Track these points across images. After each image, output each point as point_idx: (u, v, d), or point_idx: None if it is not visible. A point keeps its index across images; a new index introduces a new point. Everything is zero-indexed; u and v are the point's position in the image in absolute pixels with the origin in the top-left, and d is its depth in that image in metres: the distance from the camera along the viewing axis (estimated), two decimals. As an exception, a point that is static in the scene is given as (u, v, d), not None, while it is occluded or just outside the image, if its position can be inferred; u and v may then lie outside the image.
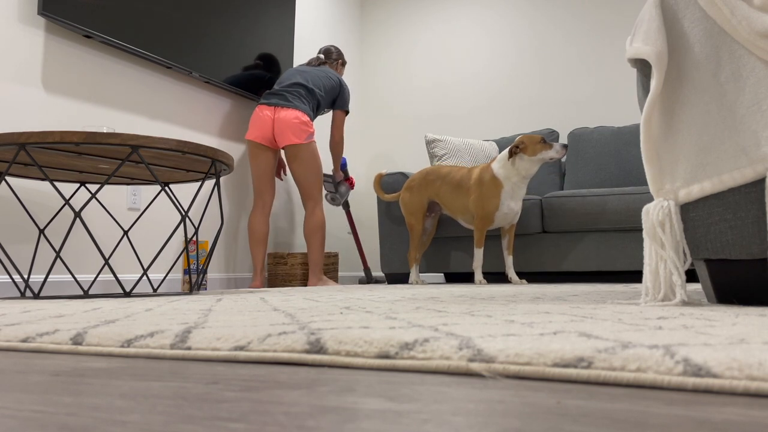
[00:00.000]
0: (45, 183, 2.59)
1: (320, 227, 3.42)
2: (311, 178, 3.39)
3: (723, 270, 1.18)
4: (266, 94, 3.42)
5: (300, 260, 3.67)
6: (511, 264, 3.26)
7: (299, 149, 3.32)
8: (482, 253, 3.26)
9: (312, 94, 3.44)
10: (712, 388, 0.43)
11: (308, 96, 3.42)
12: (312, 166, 3.37)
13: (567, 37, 4.43)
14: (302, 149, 3.32)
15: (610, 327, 0.71)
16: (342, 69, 3.87)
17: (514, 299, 1.49)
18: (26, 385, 0.52)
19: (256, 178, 3.41)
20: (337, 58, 3.83)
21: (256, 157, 3.39)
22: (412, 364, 0.56)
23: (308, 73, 3.52)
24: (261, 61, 3.77)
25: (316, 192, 3.42)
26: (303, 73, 3.50)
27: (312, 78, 3.50)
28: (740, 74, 1.09)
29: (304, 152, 3.33)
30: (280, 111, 3.32)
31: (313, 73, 3.54)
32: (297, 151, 3.32)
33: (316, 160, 3.38)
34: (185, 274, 3.08)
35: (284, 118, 3.30)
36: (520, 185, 3.16)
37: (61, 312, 1.22)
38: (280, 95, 3.37)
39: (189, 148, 2.15)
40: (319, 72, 3.56)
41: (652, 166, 1.20)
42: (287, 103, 3.34)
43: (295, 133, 3.30)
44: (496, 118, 4.62)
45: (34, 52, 2.56)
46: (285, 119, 3.30)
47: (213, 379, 0.54)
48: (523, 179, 3.15)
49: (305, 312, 1.08)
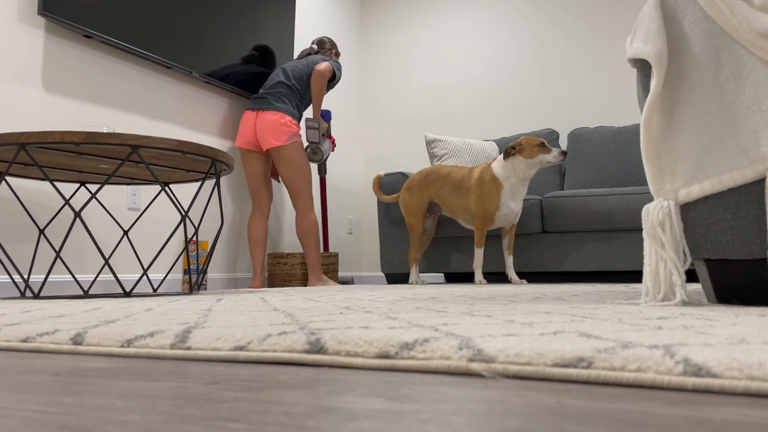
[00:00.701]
0: (45, 183, 2.59)
1: (313, 229, 3.39)
2: (298, 178, 3.35)
3: (723, 270, 1.18)
4: (252, 99, 3.43)
5: (300, 260, 3.67)
6: (511, 264, 3.26)
7: (281, 151, 3.30)
8: (482, 253, 3.26)
9: (293, 90, 3.41)
10: (712, 388, 0.43)
11: (290, 93, 3.40)
12: (298, 166, 3.34)
13: (567, 37, 4.43)
14: (285, 151, 3.30)
15: (610, 327, 0.71)
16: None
17: (514, 299, 1.49)
18: (26, 385, 0.52)
19: (250, 184, 3.42)
20: (331, 48, 3.77)
21: (246, 162, 3.41)
22: (412, 364, 0.56)
23: (290, 68, 3.48)
24: (257, 53, 3.71)
25: (305, 192, 3.39)
26: (285, 71, 3.47)
27: (292, 71, 3.45)
28: (740, 74, 1.09)
29: (287, 153, 3.30)
30: (261, 115, 3.32)
31: (294, 65, 3.49)
32: (279, 153, 3.31)
33: (301, 159, 3.35)
34: (185, 274, 3.08)
35: (264, 121, 3.30)
36: (520, 186, 3.16)
37: (61, 312, 1.22)
38: (263, 99, 3.37)
39: (189, 148, 2.15)
40: (301, 64, 3.51)
41: (652, 166, 1.20)
42: (269, 105, 3.33)
43: (275, 135, 3.28)
44: (496, 118, 4.62)
45: (34, 52, 2.56)
46: (265, 122, 3.29)
47: (213, 379, 0.54)
48: (522, 180, 3.14)
49: (305, 312, 1.08)
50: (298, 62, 3.54)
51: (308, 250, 3.41)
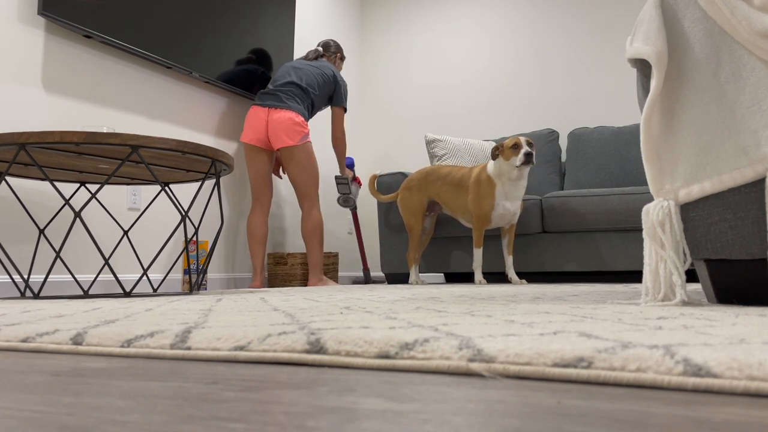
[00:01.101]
0: (45, 183, 2.59)
1: (318, 228, 3.40)
2: (308, 179, 3.37)
3: (723, 270, 1.18)
4: (260, 94, 3.40)
5: (300, 260, 3.67)
6: (511, 264, 3.26)
7: (294, 150, 3.31)
8: (481, 253, 3.26)
9: (306, 93, 3.42)
10: (712, 388, 0.43)
11: (302, 95, 3.41)
12: (307, 166, 3.36)
13: (567, 37, 4.43)
14: (297, 150, 3.32)
15: (610, 327, 0.71)
16: (341, 63, 3.84)
17: (514, 299, 1.49)
18: (26, 385, 0.52)
19: (253, 181, 3.41)
20: (336, 52, 3.78)
21: (252, 159, 3.39)
22: (412, 364, 0.56)
23: (302, 70, 3.48)
24: (254, 55, 3.71)
25: (313, 192, 3.41)
26: (297, 71, 3.47)
27: (306, 76, 3.46)
28: (740, 74, 1.09)
29: (299, 153, 3.32)
30: (273, 112, 3.31)
31: (307, 70, 3.49)
32: (292, 152, 3.32)
33: (311, 160, 3.38)
34: (185, 274, 3.08)
35: (278, 119, 3.29)
36: (512, 186, 3.14)
37: (61, 312, 1.22)
38: (274, 95, 3.36)
39: (189, 148, 2.15)
40: (313, 69, 3.52)
41: (652, 166, 1.20)
42: (281, 103, 3.32)
43: (289, 134, 3.29)
44: (496, 118, 4.62)
45: (34, 52, 2.56)
46: (279, 120, 3.29)
47: (213, 379, 0.54)
48: (511, 181, 3.13)
49: (305, 312, 1.08)
50: (309, 66, 3.52)
51: (311, 249, 3.41)
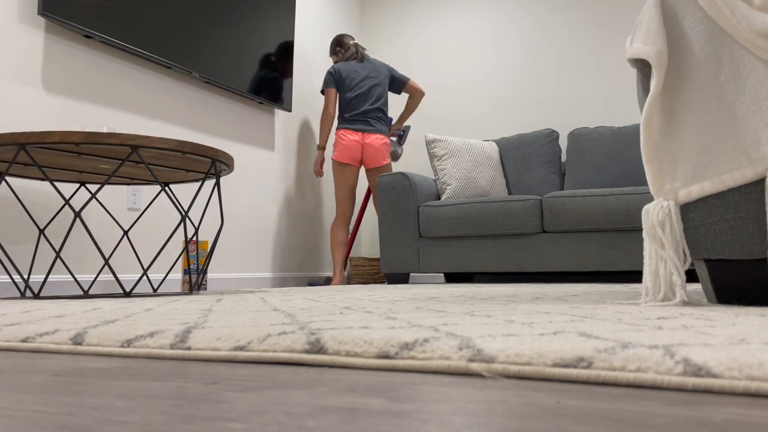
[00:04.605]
0: (45, 183, 2.58)
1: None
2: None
3: (723, 270, 1.18)
4: (350, 119, 3.84)
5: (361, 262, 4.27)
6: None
7: (385, 167, 3.94)
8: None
9: (384, 113, 3.97)
10: (712, 388, 0.43)
11: (383, 116, 3.96)
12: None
13: (567, 37, 4.43)
14: (387, 166, 3.95)
15: (610, 327, 0.71)
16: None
17: (514, 299, 1.49)
18: (26, 385, 0.52)
19: (341, 192, 3.87)
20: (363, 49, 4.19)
21: (343, 174, 3.85)
22: (412, 364, 0.56)
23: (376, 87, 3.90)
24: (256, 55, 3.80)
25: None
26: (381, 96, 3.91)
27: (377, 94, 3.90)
28: (740, 74, 1.09)
29: (387, 167, 3.96)
30: (367, 136, 3.85)
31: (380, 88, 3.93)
32: (383, 168, 3.94)
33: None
34: (185, 274, 3.08)
35: (374, 144, 3.85)
36: None
37: (61, 312, 1.22)
38: (364, 121, 3.86)
39: (189, 148, 2.15)
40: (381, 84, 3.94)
41: (652, 166, 1.20)
42: (372, 128, 3.87)
43: (384, 155, 3.90)
44: (496, 118, 4.62)
45: (34, 52, 2.56)
46: (375, 145, 3.86)
47: (213, 379, 0.54)
48: None
49: (305, 312, 1.08)
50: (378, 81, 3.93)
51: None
